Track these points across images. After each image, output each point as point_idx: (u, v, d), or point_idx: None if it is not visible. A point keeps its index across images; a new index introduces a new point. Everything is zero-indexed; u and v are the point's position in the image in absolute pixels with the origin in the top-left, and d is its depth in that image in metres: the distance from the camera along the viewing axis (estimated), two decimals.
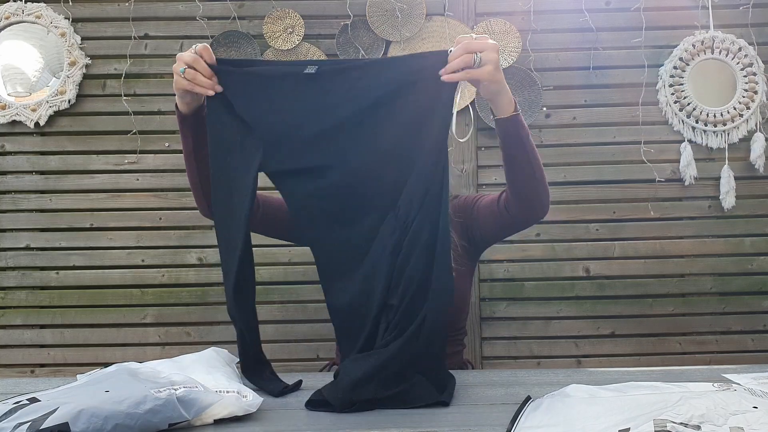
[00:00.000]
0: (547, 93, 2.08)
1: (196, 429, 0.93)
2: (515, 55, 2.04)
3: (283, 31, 2.04)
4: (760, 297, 2.08)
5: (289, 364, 2.04)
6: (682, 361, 2.06)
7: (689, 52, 2.06)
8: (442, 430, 0.93)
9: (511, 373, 1.23)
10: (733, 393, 0.93)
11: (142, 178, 2.09)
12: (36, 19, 2.04)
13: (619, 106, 2.10)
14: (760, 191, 2.08)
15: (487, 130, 2.08)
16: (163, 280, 2.08)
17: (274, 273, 2.08)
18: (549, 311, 2.09)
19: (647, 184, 2.08)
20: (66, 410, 0.84)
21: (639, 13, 2.06)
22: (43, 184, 2.09)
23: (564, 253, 2.08)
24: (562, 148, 2.09)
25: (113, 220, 2.08)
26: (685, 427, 0.81)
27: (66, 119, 2.08)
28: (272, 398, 1.10)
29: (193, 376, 1.02)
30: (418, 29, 2.05)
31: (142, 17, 2.08)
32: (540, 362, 2.08)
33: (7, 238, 2.08)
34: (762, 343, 2.08)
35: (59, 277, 2.08)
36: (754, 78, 2.05)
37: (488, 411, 1.02)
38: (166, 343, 2.07)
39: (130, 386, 0.93)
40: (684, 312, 2.08)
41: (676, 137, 2.08)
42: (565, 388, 1.03)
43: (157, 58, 2.09)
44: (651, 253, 2.08)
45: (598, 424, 0.85)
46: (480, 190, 2.08)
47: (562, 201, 2.08)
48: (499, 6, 2.08)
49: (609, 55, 2.09)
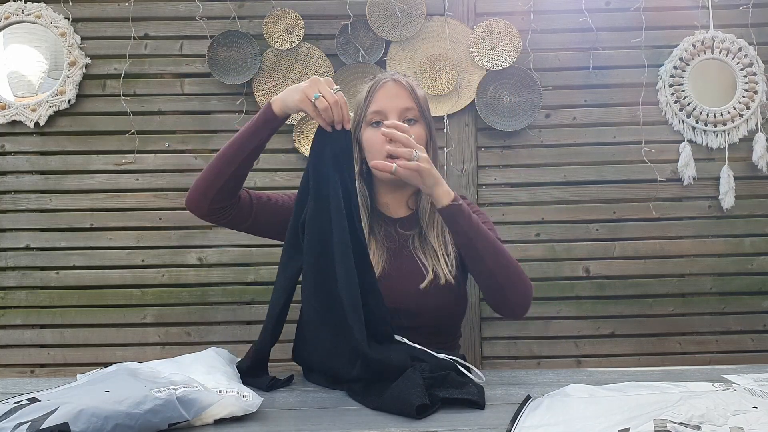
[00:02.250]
0: (547, 93, 2.08)
1: (196, 429, 0.93)
2: (515, 55, 2.04)
3: (283, 31, 2.04)
4: (759, 297, 2.08)
5: (290, 364, 2.04)
6: (682, 361, 2.06)
7: (689, 52, 2.06)
8: (443, 430, 0.93)
9: (511, 373, 1.23)
10: (733, 393, 0.93)
11: (142, 178, 2.09)
12: (36, 19, 2.04)
13: (619, 106, 2.10)
14: (760, 191, 2.08)
15: (486, 130, 2.08)
16: (163, 280, 2.08)
17: (274, 273, 2.05)
18: (549, 311, 2.09)
19: (647, 184, 2.08)
20: (66, 410, 0.84)
21: (639, 13, 2.06)
22: (43, 184, 2.09)
23: (564, 253, 2.08)
24: (562, 148, 2.09)
25: (113, 220, 2.08)
26: (685, 427, 0.81)
27: (66, 119, 2.08)
28: (272, 398, 1.10)
29: (193, 376, 1.02)
30: (418, 29, 2.05)
31: (142, 17, 2.08)
32: (540, 362, 2.08)
33: (7, 238, 2.08)
34: (762, 343, 2.08)
35: (59, 277, 2.08)
36: (754, 78, 2.05)
37: (488, 411, 1.01)
38: (166, 343, 2.07)
39: (130, 386, 0.93)
40: (684, 312, 2.08)
41: (676, 137, 2.08)
42: (565, 388, 1.03)
43: (157, 58, 2.09)
44: (651, 253, 2.08)
45: (598, 424, 0.85)
46: (480, 190, 2.08)
47: (562, 201, 2.08)
48: (499, 6, 2.09)
49: (609, 55, 2.09)
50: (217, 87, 2.07)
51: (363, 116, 1.38)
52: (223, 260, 2.07)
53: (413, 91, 1.38)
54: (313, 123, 2.03)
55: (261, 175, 2.08)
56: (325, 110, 1.16)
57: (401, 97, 1.36)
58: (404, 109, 1.36)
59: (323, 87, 1.17)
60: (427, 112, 1.40)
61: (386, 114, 1.34)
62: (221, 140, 2.08)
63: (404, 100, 1.36)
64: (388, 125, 1.22)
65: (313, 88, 1.17)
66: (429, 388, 1.03)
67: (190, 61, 2.09)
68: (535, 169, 2.09)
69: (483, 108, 2.05)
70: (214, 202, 1.29)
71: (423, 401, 0.98)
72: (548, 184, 2.09)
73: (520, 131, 2.07)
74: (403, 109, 1.35)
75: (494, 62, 2.04)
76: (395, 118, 1.33)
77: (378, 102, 1.36)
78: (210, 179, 1.28)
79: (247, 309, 2.07)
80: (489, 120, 2.05)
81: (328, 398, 1.11)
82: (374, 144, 1.34)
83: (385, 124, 1.23)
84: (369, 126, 1.37)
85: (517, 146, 2.09)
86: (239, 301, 2.07)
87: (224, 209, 1.31)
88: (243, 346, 2.00)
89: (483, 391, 1.07)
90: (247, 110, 2.06)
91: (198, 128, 2.10)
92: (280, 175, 2.08)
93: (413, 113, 1.37)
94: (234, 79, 2.03)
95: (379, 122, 1.35)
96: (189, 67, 2.09)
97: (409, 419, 0.97)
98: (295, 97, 1.19)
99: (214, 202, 1.29)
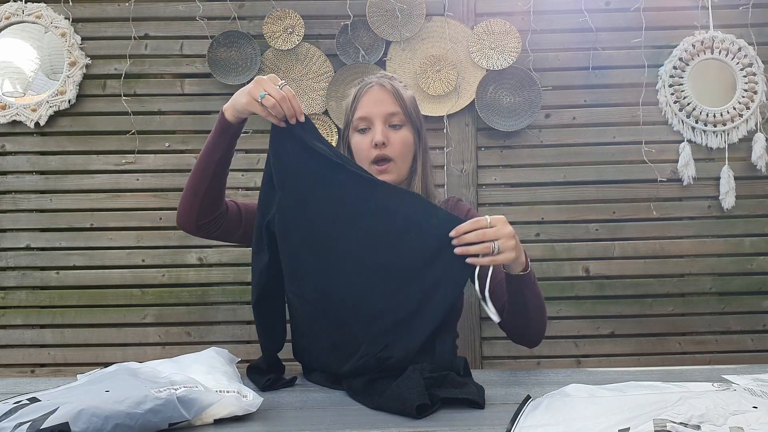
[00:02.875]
0: (547, 93, 2.08)
1: (196, 429, 0.93)
2: (515, 55, 2.04)
3: (283, 31, 2.04)
4: (759, 297, 2.08)
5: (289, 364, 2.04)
6: (681, 361, 2.06)
7: (689, 52, 2.06)
8: (443, 430, 0.93)
9: (511, 373, 1.24)
10: (732, 393, 0.93)
11: (142, 178, 2.09)
12: (36, 19, 2.04)
13: (619, 106, 2.10)
14: (760, 191, 2.08)
15: (486, 130, 2.08)
16: (163, 280, 2.08)
17: None
18: (549, 311, 2.04)
19: (647, 184, 2.08)
20: (66, 410, 0.84)
21: (639, 13, 2.07)
22: (44, 184, 2.09)
23: (564, 253, 2.08)
24: (562, 148, 2.09)
25: (113, 220, 2.08)
26: (684, 426, 0.81)
27: (66, 119, 2.08)
28: (272, 398, 1.10)
29: (193, 376, 1.02)
30: (418, 29, 2.05)
31: (142, 17, 2.08)
32: (540, 362, 2.08)
33: (7, 238, 2.08)
34: (762, 343, 2.08)
35: (59, 277, 2.08)
36: (754, 78, 2.05)
37: (488, 411, 1.02)
38: (166, 343, 2.07)
39: (131, 386, 0.93)
40: (684, 312, 2.08)
41: (676, 137, 2.08)
42: (565, 388, 1.03)
43: (157, 58, 2.09)
44: (651, 253, 2.08)
45: (597, 424, 0.85)
46: (480, 190, 2.08)
47: (562, 201, 2.08)
48: (498, 6, 2.09)
49: (609, 55, 2.09)
50: (217, 87, 2.07)
51: (350, 121, 1.40)
52: (223, 260, 2.07)
53: (399, 95, 1.38)
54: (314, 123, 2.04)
55: (261, 175, 2.07)
56: (273, 107, 1.16)
57: (386, 103, 1.37)
58: (389, 115, 1.37)
59: (267, 85, 1.17)
60: (414, 115, 1.41)
61: (371, 120, 1.36)
62: None
63: (388, 105, 1.37)
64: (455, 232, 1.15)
65: (258, 88, 1.17)
66: (429, 388, 1.03)
67: (190, 62, 2.09)
68: (535, 169, 2.09)
69: (483, 108, 2.05)
70: (200, 218, 1.31)
71: (423, 401, 0.99)
72: (548, 184, 2.09)
73: (520, 131, 2.07)
74: (387, 115, 1.37)
75: (494, 62, 2.05)
76: (380, 124, 1.35)
77: (363, 108, 1.37)
78: (189, 197, 1.31)
79: (247, 309, 2.07)
80: (489, 120, 2.05)
81: (328, 398, 1.12)
82: (361, 150, 1.37)
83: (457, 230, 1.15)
84: (356, 131, 1.39)
85: (517, 146, 2.09)
86: (239, 301, 2.07)
87: (213, 222, 1.33)
88: (243, 346, 2.04)
89: (483, 390, 1.07)
90: None
91: (198, 128, 2.10)
92: None
93: (398, 118, 1.38)
94: (234, 79, 2.03)
95: (365, 129, 1.37)
96: (189, 68, 2.09)
97: (409, 419, 0.98)
98: (242, 100, 1.19)
99: (200, 218, 1.31)
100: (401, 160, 1.38)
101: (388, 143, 1.35)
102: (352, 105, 1.40)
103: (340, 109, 2.05)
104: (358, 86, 1.41)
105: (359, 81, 1.44)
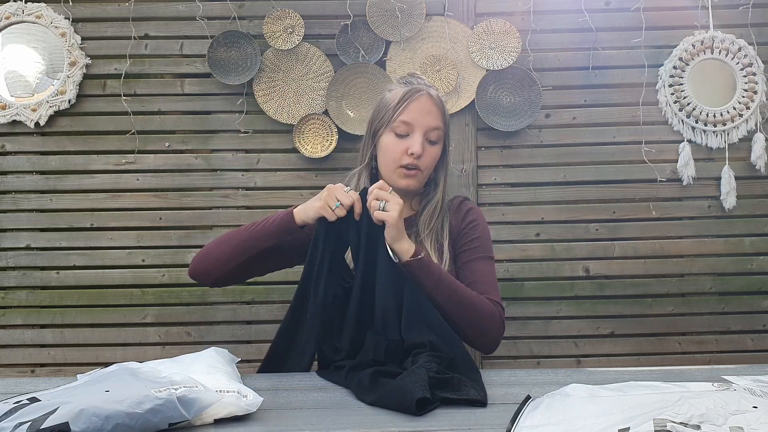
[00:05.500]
0: (547, 93, 2.08)
1: (196, 429, 0.93)
2: (515, 55, 2.04)
3: (283, 31, 2.04)
4: (759, 297, 2.09)
5: None
6: (681, 360, 2.06)
7: (689, 52, 2.06)
8: (443, 430, 0.93)
9: (510, 373, 1.24)
10: (732, 393, 0.93)
11: (142, 178, 2.09)
12: (36, 19, 2.04)
13: (619, 106, 2.10)
14: (760, 191, 2.08)
15: (486, 130, 2.08)
16: (163, 280, 2.08)
17: (274, 273, 2.07)
18: (549, 311, 2.09)
19: (647, 184, 2.08)
20: (66, 410, 0.84)
21: (639, 13, 2.06)
22: (44, 184, 2.09)
23: (564, 252, 2.08)
24: (562, 148, 2.09)
25: (113, 220, 2.08)
26: (684, 426, 0.81)
27: (66, 119, 2.08)
28: (272, 398, 1.10)
29: (193, 376, 1.02)
30: (418, 29, 2.05)
31: (142, 17, 2.08)
32: (540, 362, 2.08)
33: (7, 238, 2.08)
34: (762, 343, 2.08)
35: (59, 277, 2.08)
36: (754, 78, 2.05)
37: (488, 411, 1.02)
38: (166, 343, 2.07)
39: (131, 386, 0.93)
40: (683, 312, 2.08)
41: (676, 137, 2.08)
42: (565, 388, 1.03)
43: (157, 58, 2.09)
44: (651, 252, 2.08)
45: (597, 424, 0.85)
46: (480, 190, 2.08)
47: (562, 201, 2.08)
48: (498, 6, 2.09)
49: (609, 55, 2.09)
50: (217, 87, 2.07)
51: (390, 120, 1.40)
52: None
53: (444, 110, 1.43)
54: (314, 123, 2.04)
55: (261, 174, 2.08)
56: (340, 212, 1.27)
57: (433, 115, 1.40)
58: (431, 128, 1.39)
59: (340, 194, 1.27)
60: (448, 132, 1.46)
61: (414, 127, 1.38)
62: (221, 140, 2.08)
63: (434, 119, 1.40)
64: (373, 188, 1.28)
65: (332, 199, 1.27)
66: (432, 388, 1.03)
67: (190, 61, 2.09)
68: (535, 169, 2.09)
69: (483, 108, 2.05)
70: (222, 279, 1.41)
71: (424, 395, 0.99)
72: (548, 184, 2.09)
73: (519, 131, 2.07)
74: (430, 128, 1.39)
75: (494, 62, 2.05)
76: (420, 135, 1.38)
77: (410, 113, 1.38)
78: (218, 263, 1.38)
79: (247, 309, 2.07)
80: (489, 120, 2.05)
81: (328, 398, 1.12)
82: (394, 152, 1.40)
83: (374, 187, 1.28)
84: (393, 133, 1.40)
85: (517, 146, 2.09)
86: (239, 301, 2.07)
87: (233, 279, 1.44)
88: (243, 346, 2.04)
89: (484, 390, 1.07)
90: (247, 110, 2.06)
91: (198, 128, 2.10)
92: (280, 175, 2.08)
93: (437, 134, 1.41)
94: (234, 79, 2.03)
95: (404, 134, 1.39)
96: (189, 67, 2.09)
97: (409, 418, 0.98)
98: (317, 205, 1.29)
99: (221, 280, 1.41)
100: (427, 172, 1.43)
101: (422, 156, 1.38)
102: (397, 106, 1.39)
103: (340, 109, 2.05)
104: (406, 87, 1.41)
105: (404, 81, 1.45)
